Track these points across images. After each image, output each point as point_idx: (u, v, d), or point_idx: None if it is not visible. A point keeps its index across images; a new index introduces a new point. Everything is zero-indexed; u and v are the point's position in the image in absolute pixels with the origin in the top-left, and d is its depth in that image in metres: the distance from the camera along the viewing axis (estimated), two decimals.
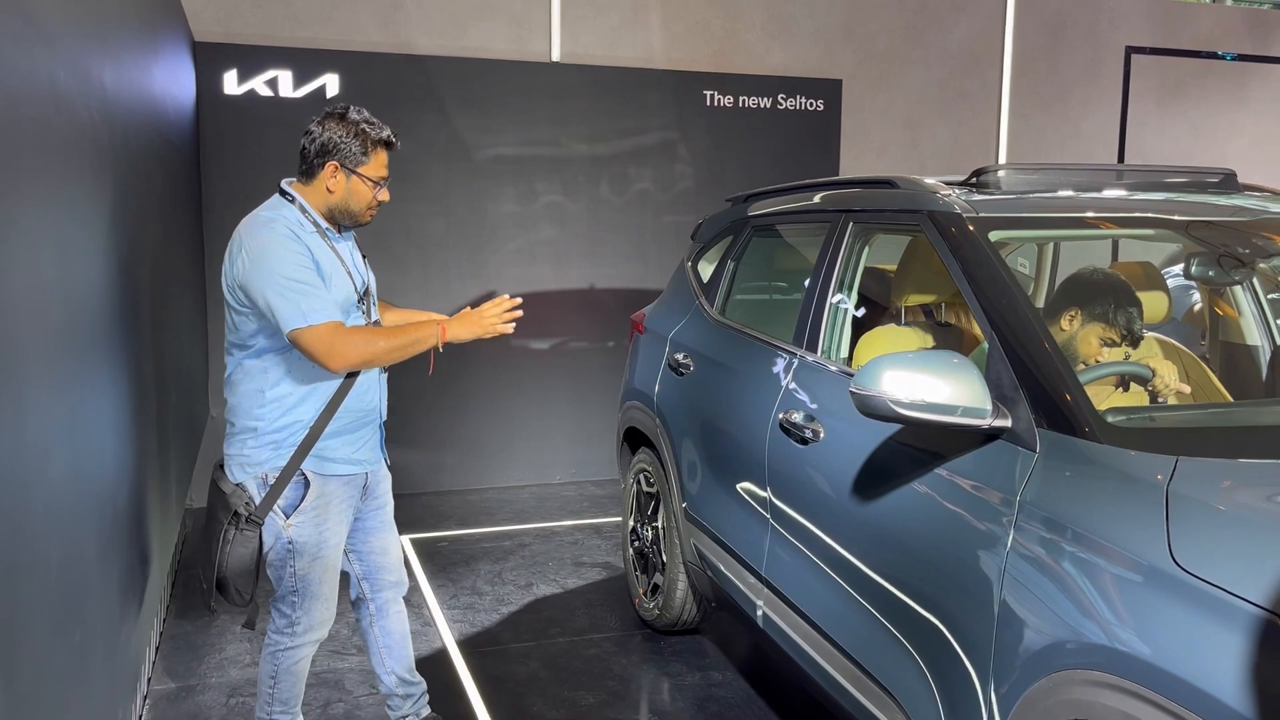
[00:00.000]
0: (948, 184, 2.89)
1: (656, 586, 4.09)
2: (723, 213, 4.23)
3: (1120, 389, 2.62)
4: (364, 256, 2.94)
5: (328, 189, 2.74)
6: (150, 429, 3.11)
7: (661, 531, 4.04)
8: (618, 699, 3.62)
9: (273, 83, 5.70)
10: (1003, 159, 7.35)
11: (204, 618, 4.26)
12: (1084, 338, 2.69)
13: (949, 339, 3.33)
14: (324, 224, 2.75)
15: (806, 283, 3.32)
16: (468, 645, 4.00)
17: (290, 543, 2.71)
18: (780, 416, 3.02)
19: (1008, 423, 2.18)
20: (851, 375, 2.84)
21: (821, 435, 2.81)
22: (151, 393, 3.16)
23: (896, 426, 2.47)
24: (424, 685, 3.19)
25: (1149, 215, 2.77)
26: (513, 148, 6.15)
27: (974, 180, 2.91)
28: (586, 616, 4.33)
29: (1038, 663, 1.92)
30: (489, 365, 6.14)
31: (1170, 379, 2.60)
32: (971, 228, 2.58)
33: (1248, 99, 7.97)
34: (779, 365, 3.20)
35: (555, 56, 6.33)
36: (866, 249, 3.13)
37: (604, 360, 6.48)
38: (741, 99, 6.54)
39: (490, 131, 6.07)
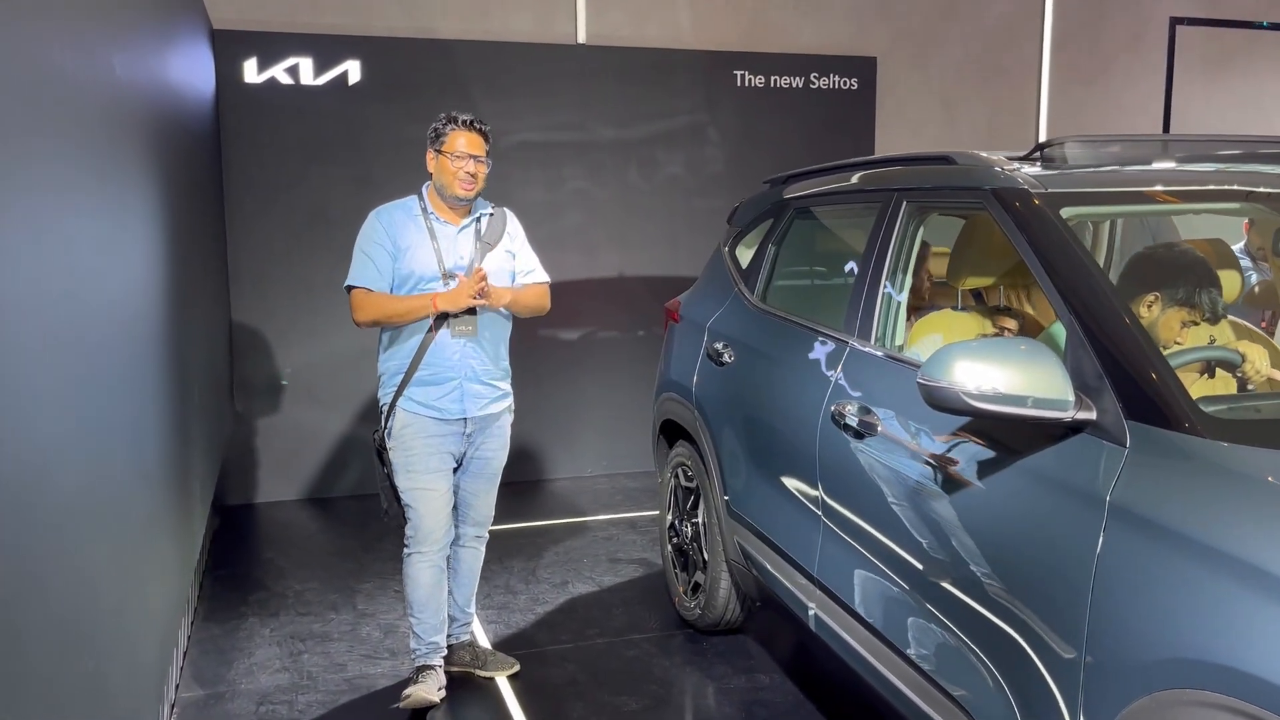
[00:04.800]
0: (1010, 159, 2.71)
1: (697, 585, 3.93)
2: (761, 195, 4.06)
3: (1205, 375, 2.44)
4: (486, 244, 3.39)
5: (430, 172, 3.35)
6: (170, 428, 2.98)
7: (702, 528, 3.88)
8: (661, 704, 3.47)
9: (293, 70, 5.56)
10: (1043, 136, 7.12)
11: (232, 620, 4.15)
12: (1165, 323, 2.50)
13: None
14: (431, 209, 3.34)
15: (855, 266, 3.14)
16: (504, 648, 3.86)
17: (391, 464, 3.37)
18: (832, 408, 2.85)
19: (1092, 415, 2.00)
20: (907, 364, 2.68)
21: (879, 428, 2.64)
22: (171, 391, 3.03)
23: (963, 419, 2.30)
24: (471, 619, 3.71)
25: (1238, 188, 2.57)
26: (538, 133, 5.99)
27: (1038, 154, 2.72)
28: (625, 616, 4.18)
29: (1137, 681, 1.75)
30: (518, 357, 5.98)
31: (1261, 364, 2.42)
32: (1041, 204, 2.40)
33: None
34: (828, 354, 3.03)
35: (581, 38, 6.16)
36: (921, 230, 2.95)
37: (635, 350, 6.32)
38: (773, 79, 6.35)
39: (515, 117, 5.92)
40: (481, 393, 3.41)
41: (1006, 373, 2.02)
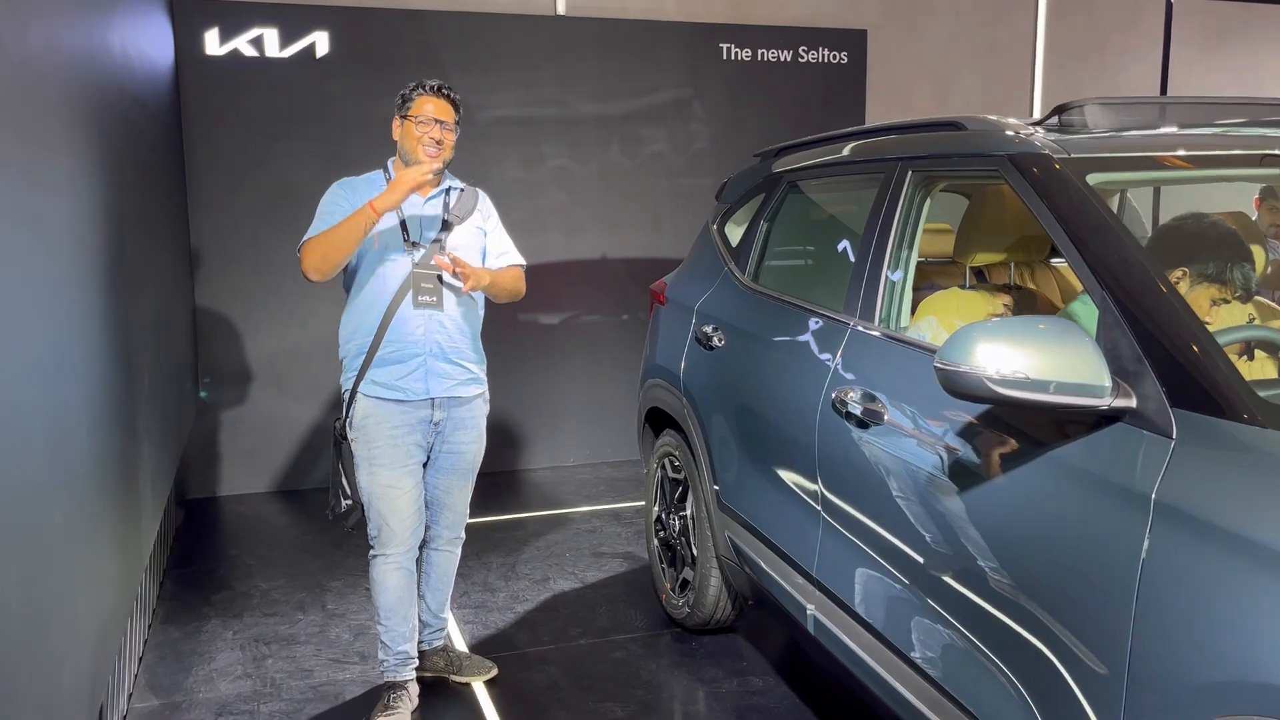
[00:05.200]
0: (1026, 124, 2.49)
1: (686, 582, 3.72)
2: (751, 169, 3.83)
3: (1244, 357, 2.23)
4: (456, 216, 3.16)
5: (395, 140, 3.14)
6: (111, 419, 2.74)
7: (691, 522, 3.67)
8: (648, 710, 3.26)
9: (257, 42, 5.29)
10: (1036, 113, 6.91)
11: (193, 623, 3.91)
12: (1193, 301, 2.29)
13: (1020, 304, 2.94)
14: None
15: (854, 243, 2.93)
16: (482, 649, 3.64)
17: (351, 455, 3.13)
18: (833, 396, 2.64)
19: (1131, 402, 1.79)
20: (916, 347, 2.47)
21: (885, 417, 2.42)
22: (113, 379, 2.78)
23: (981, 408, 2.09)
24: (444, 624, 3.48)
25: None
26: (516, 109, 5.74)
27: (1055, 118, 2.50)
28: (609, 615, 3.96)
29: (1189, 704, 1.54)
30: (496, 341, 5.75)
31: None
32: (1065, 170, 2.18)
33: None
34: (827, 337, 2.81)
35: (560, 10, 5.90)
36: (928, 202, 2.73)
37: (618, 334, 6.10)
38: (760, 52, 6.11)
39: (492, 91, 5.67)
40: (449, 372, 3.15)
41: (1034, 356, 1.81)
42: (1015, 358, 1.82)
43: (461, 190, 3.24)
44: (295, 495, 5.55)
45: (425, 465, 3.24)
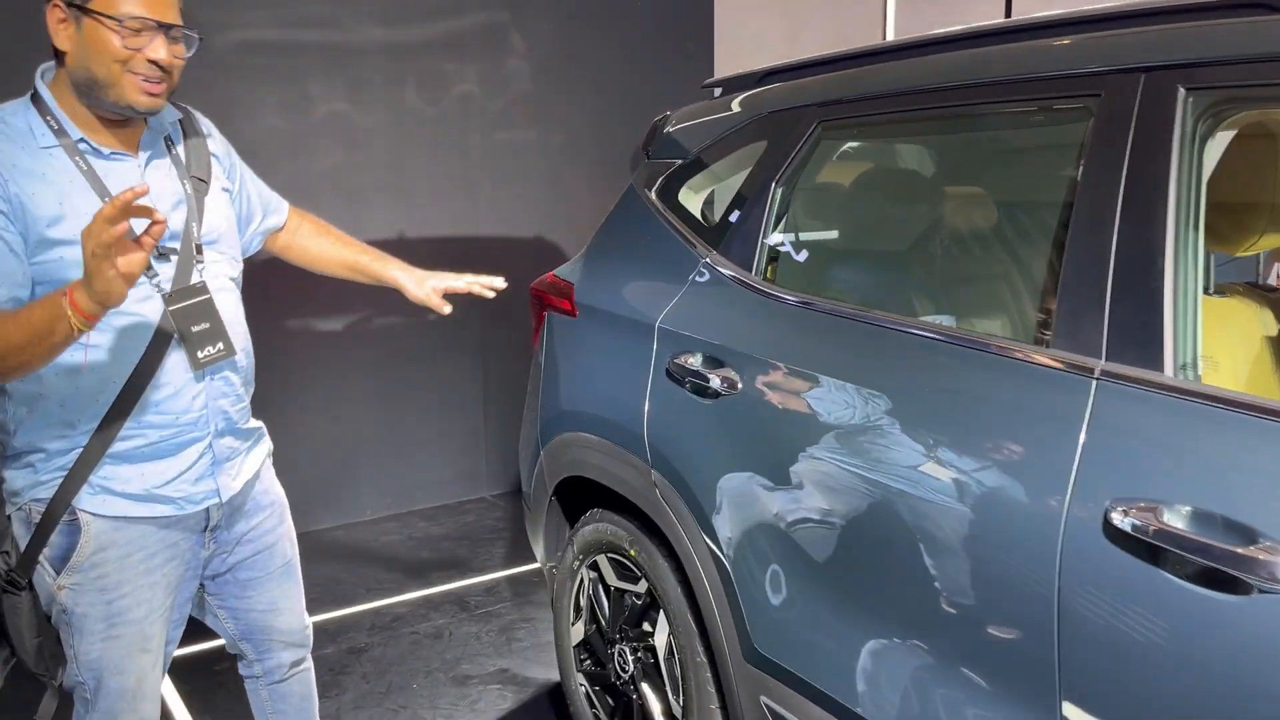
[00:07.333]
0: None
1: None
2: (721, 104, 2.50)
3: None
4: (198, 180, 1.82)
5: (59, 50, 1.65)
6: None
7: (676, 665, 2.32)
8: None
9: None
10: None
11: None
12: None
13: None
14: (78, 133, 1.67)
15: (1011, 220, 1.70)
16: None
17: (65, 612, 1.78)
18: (1107, 509, 1.39)
19: None
20: None
21: None
22: None
23: None
24: None
25: None
26: (272, 31, 4.07)
27: None
28: None
29: None
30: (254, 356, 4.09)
31: None
32: None
33: None
34: (1039, 392, 1.55)
35: None
36: (1210, 144, 1.53)
37: (421, 341, 4.58)
38: None
39: (235, 6, 3.97)
40: (236, 448, 1.94)
41: None
42: None
43: (180, 121, 1.88)
44: None
45: (204, 587, 2.02)
